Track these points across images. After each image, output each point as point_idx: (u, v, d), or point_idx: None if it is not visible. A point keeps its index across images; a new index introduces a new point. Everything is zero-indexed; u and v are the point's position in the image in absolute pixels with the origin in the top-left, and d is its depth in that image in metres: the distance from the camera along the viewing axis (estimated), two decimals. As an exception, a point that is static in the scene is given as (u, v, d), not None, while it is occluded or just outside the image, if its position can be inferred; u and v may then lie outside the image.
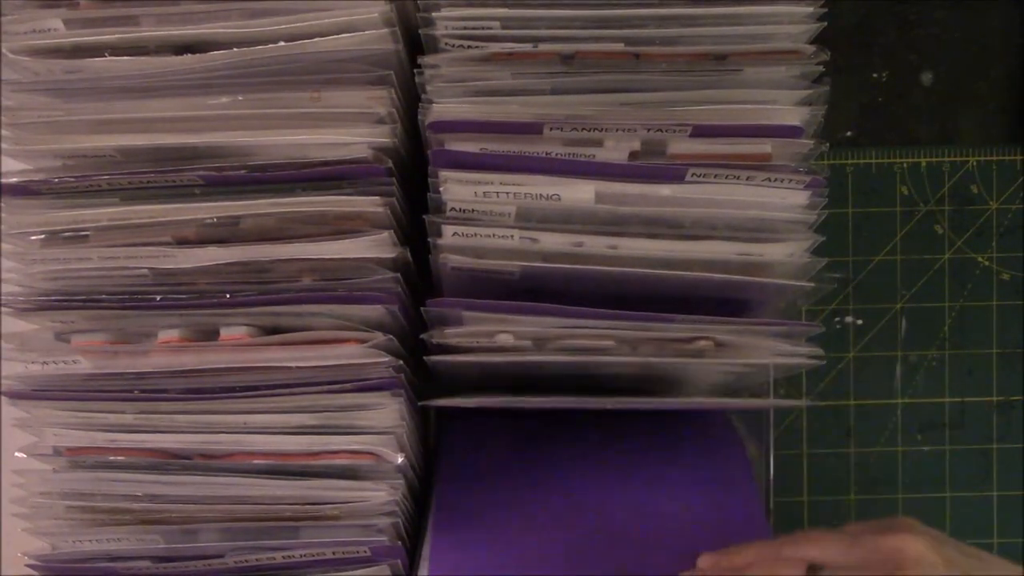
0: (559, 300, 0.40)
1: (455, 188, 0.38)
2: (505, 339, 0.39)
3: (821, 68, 0.38)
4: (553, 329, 0.39)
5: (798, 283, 0.39)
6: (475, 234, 0.38)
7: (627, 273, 0.38)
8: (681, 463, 0.48)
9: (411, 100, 0.40)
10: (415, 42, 0.40)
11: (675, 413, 0.49)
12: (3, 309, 0.40)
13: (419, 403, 0.43)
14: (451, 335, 0.39)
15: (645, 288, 0.39)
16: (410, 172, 0.44)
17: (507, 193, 0.38)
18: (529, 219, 0.39)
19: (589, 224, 0.38)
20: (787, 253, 0.39)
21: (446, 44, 0.38)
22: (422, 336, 0.41)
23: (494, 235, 0.38)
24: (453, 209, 0.38)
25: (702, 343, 0.39)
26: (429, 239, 0.39)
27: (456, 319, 0.40)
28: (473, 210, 0.38)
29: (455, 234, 0.38)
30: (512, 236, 0.38)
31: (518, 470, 0.47)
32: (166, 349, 0.39)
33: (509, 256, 0.39)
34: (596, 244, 0.38)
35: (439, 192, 0.38)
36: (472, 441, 0.49)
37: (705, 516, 0.45)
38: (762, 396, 0.53)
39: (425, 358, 0.41)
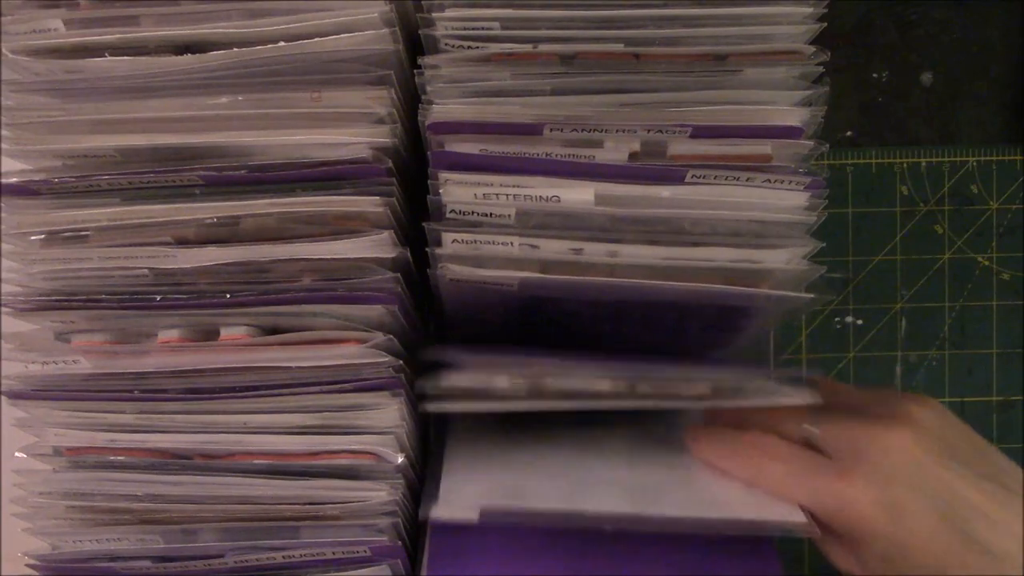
0: (558, 309, 0.40)
1: (454, 190, 0.38)
2: (502, 382, 0.39)
3: (821, 69, 0.38)
4: (549, 377, 0.39)
5: (798, 295, 0.39)
6: (475, 240, 0.38)
7: (626, 285, 0.38)
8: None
9: (411, 100, 0.40)
10: (415, 42, 0.40)
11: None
12: (3, 309, 0.40)
13: (420, 409, 0.43)
14: (446, 386, 0.40)
15: (645, 296, 0.39)
16: (411, 173, 0.44)
17: (507, 195, 0.38)
18: (529, 222, 0.39)
19: (589, 230, 0.38)
20: (787, 259, 0.39)
21: (446, 44, 0.38)
22: (415, 388, 0.41)
23: (494, 241, 0.38)
24: (453, 211, 0.38)
25: (699, 389, 0.39)
26: (428, 249, 0.39)
27: (454, 362, 0.40)
28: (473, 212, 0.38)
29: (455, 241, 0.38)
30: (512, 243, 0.38)
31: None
32: (166, 349, 0.40)
33: (508, 266, 0.39)
34: (596, 251, 0.38)
35: (439, 194, 0.38)
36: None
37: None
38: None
39: (421, 407, 0.41)
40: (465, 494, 0.40)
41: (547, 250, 0.38)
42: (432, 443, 0.50)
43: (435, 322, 0.49)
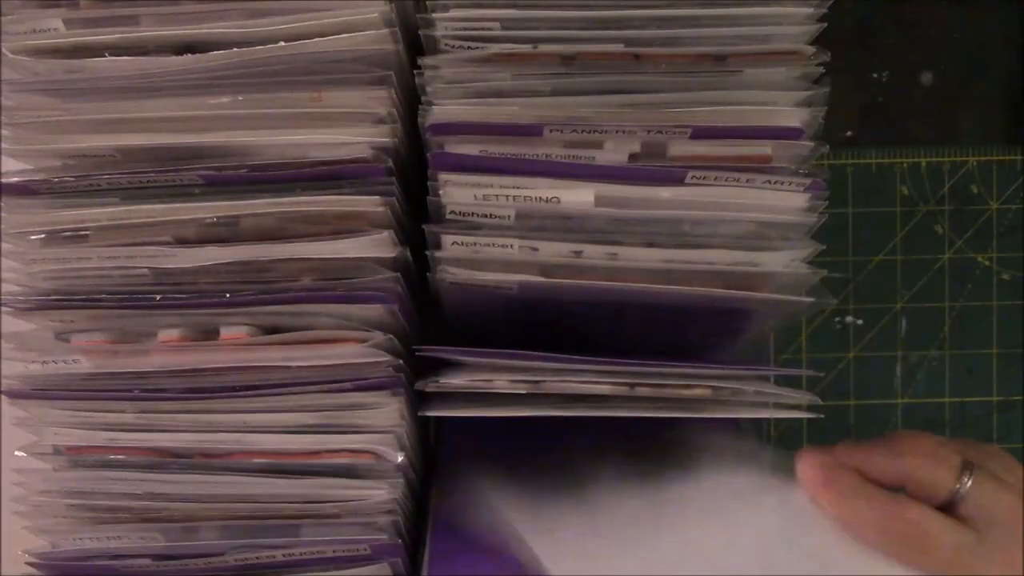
0: (558, 312, 0.40)
1: (454, 191, 0.38)
2: (501, 383, 0.39)
3: (821, 69, 0.38)
4: (549, 377, 0.39)
5: (797, 298, 0.39)
6: (475, 243, 0.38)
7: (626, 289, 0.38)
8: (697, 456, 0.46)
9: (411, 101, 0.40)
10: (415, 42, 0.40)
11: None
12: (3, 309, 0.40)
13: (419, 412, 0.43)
14: (446, 385, 0.40)
15: (645, 298, 0.39)
16: (411, 173, 0.44)
17: (507, 196, 0.38)
18: (528, 224, 0.39)
19: (588, 232, 0.38)
20: (786, 262, 0.39)
21: (446, 45, 0.38)
22: (416, 386, 0.41)
23: (493, 244, 0.38)
24: (452, 212, 0.38)
25: (699, 391, 0.39)
26: (428, 252, 0.39)
27: (453, 361, 0.40)
28: (472, 213, 0.38)
29: (455, 243, 0.38)
30: (512, 246, 0.38)
31: (522, 464, 0.47)
32: (166, 349, 0.40)
33: (508, 269, 0.39)
34: (595, 253, 0.38)
35: (439, 195, 0.38)
36: (474, 436, 0.49)
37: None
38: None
39: (420, 413, 0.41)
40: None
41: (547, 252, 0.38)
42: (432, 442, 0.50)
43: (435, 322, 0.49)
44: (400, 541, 0.41)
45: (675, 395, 0.39)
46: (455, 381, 0.39)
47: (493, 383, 0.39)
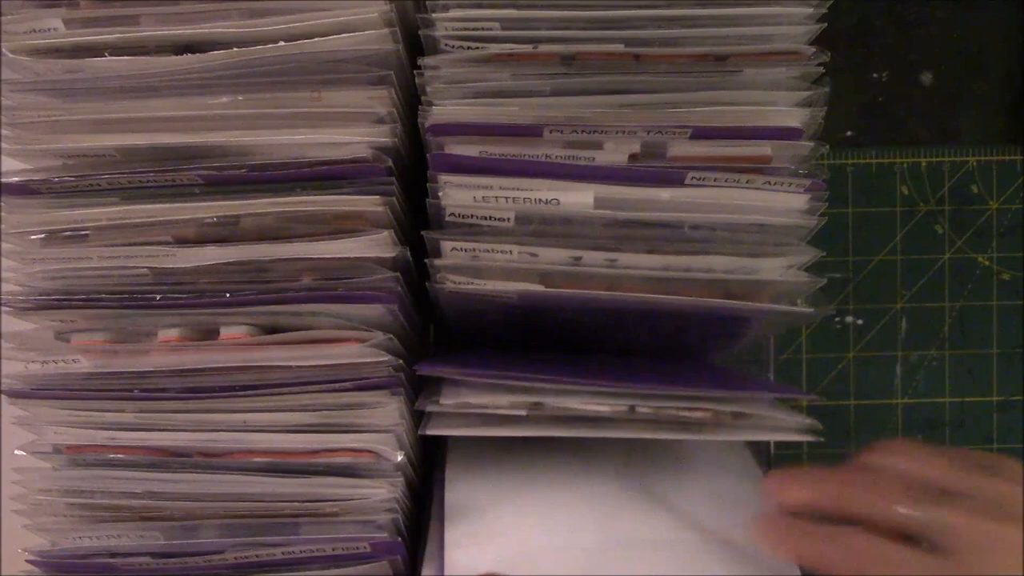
0: (558, 317, 0.40)
1: (454, 193, 0.38)
2: (502, 403, 0.39)
3: (821, 69, 0.38)
4: (548, 398, 0.39)
5: (796, 309, 0.39)
6: (474, 249, 0.38)
7: (625, 299, 0.38)
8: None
9: (411, 101, 0.40)
10: (415, 42, 0.40)
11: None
12: (3, 309, 0.40)
13: (419, 432, 0.43)
14: (446, 406, 0.40)
15: (644, 305, 0.39)
16: (410, 173, 0.44)
17: (506, 198, 0.38)
18: (527, 228, 0.39)
19: (588, 237, 0.38)
20: (785, 268, 0.39)
21: (446, 45, 0.38)
22: (416, 406, 0.41)
23: (493, 250, 0.38)
24: (452, 214, 0.38)
25: (699, 414, 0.39)
26: (427, 260, 0.39)
27: (452, 379, 0.40)
28: (472, 215, 0.38)
29: (454, 250, 0.38)
30: (511, 252, 0.38)
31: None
32: (166, 348, 0.40)
33: (508, 276, 0.39)
34: (594, 259, 0.38)
35: (438, 197, 0.38)
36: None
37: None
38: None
39: (420, 432, 0.41)
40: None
41: (546, 259, 0.38)
42: (431, 442, 0.50)
43: (435, 323, 0.49)
44: (400, 539, 0.41)
45: (675, 417, 0.39)
46: (455, 401, 0.39)
47: (493, 404, 0.39)
